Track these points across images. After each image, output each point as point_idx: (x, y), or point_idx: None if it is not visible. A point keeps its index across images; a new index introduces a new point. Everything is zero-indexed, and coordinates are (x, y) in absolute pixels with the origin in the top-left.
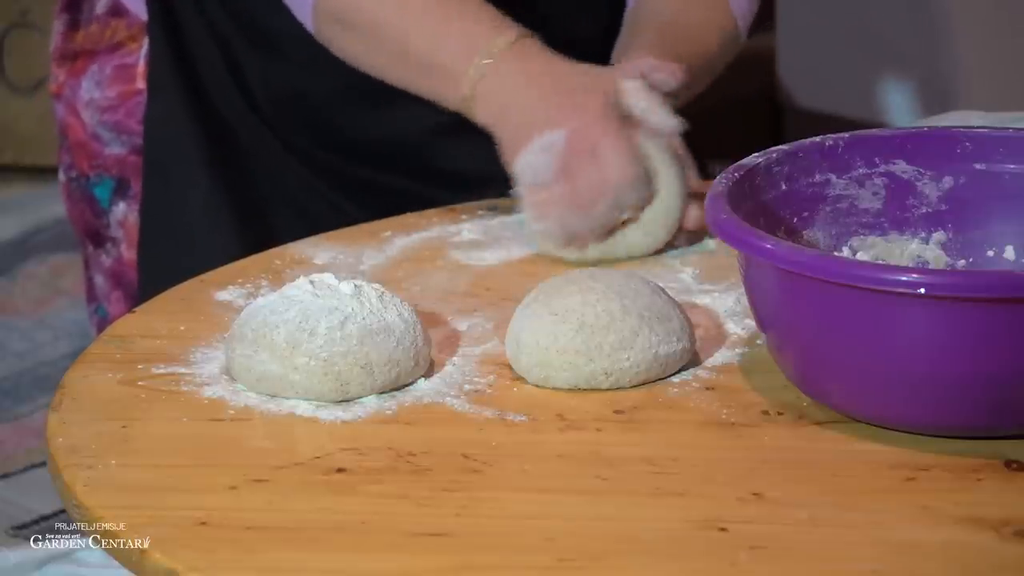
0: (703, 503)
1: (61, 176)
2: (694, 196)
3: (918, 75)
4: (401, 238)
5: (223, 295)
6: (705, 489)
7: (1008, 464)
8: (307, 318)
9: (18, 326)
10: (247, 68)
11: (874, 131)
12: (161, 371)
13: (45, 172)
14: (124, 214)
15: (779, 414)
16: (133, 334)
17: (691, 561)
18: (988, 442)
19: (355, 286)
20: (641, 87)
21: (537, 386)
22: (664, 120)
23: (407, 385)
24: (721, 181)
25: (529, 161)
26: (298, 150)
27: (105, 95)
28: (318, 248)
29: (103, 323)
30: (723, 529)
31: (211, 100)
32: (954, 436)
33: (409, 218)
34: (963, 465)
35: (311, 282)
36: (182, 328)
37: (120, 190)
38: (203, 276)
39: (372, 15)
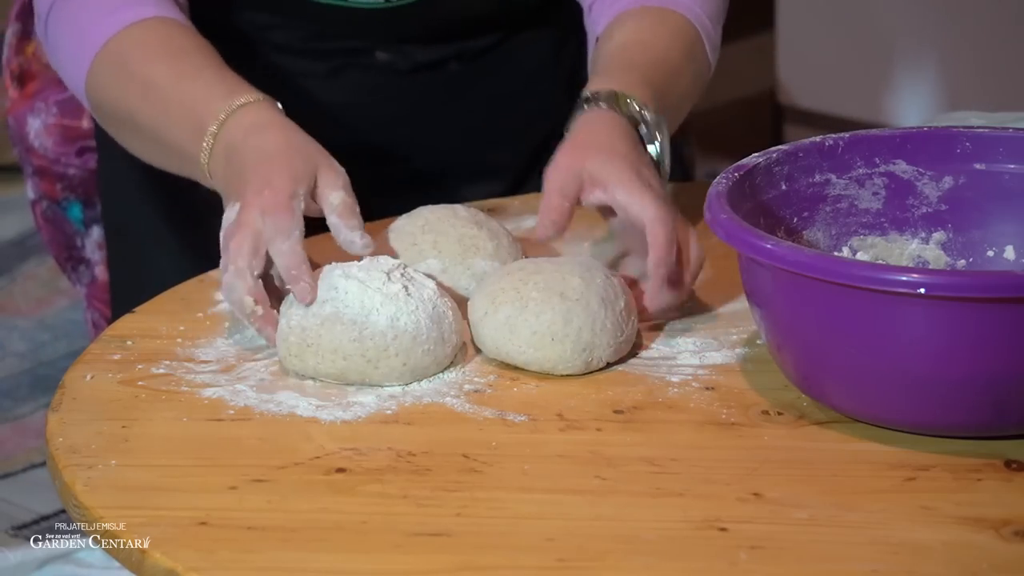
0: (703, 503)
1: (31, 195)
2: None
3: (918, 75)
4: None
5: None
6: (705, 489)
7: (1008, 464)
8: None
9: (18, 326)
10: None
11: (874, 131)
12: (161, 371)
13: None
14: (102, 236)
15: (779, 414)
16: (133, 334)
17: (691, 561)
18: (988, 442)
19: (401, 274)
20: (341, 202)
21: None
22: (348, 240)
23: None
24: (721, 181)
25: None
26: None
27: (50, 131)
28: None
29: (97, 321)
30: (723, 529)
31: None
32: (954, 436)
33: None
34: (963, 465)
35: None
36: (182, 328)
37: (88, 209)
38: (203, 276)
39: (126, 105)
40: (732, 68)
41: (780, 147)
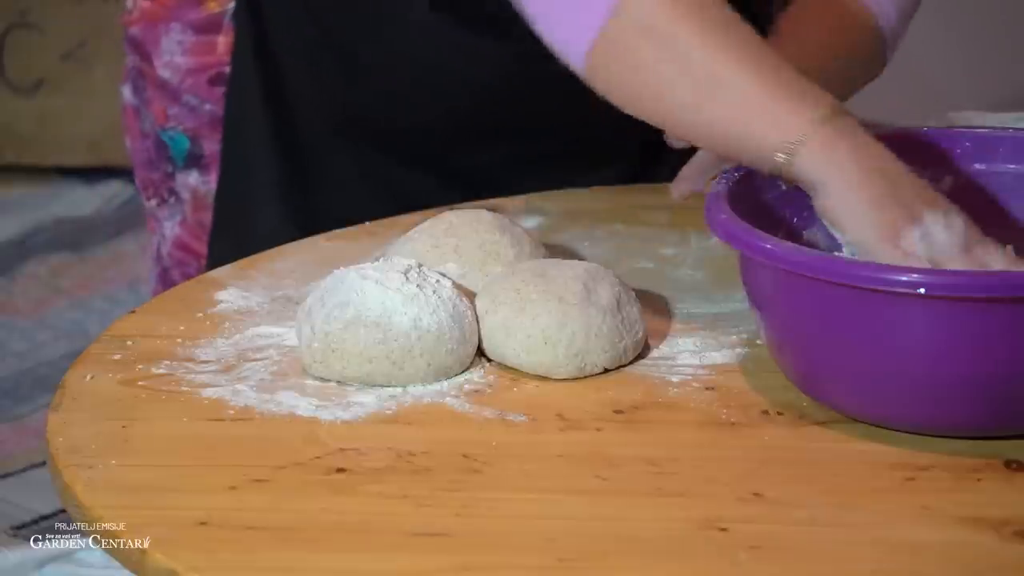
0: (703, 503)
1: (129, 98)
2: None
3: (918, 75)
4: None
5: (223, 295)
6: (705, 489)
7: (1008, 464)
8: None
9: (18, 326)
10: (331, 85)
11: (874, 131)
12: (161, 371)
13: (45, 172)
14: (197, 183)
15: (779, 414)
16: (133, 334)
17: (691, 561)
18: (988, 442)
19: (418, 272)
20: None
21: (536, 375)
22: None
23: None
24: (721, 181)
25: (928, 232)
26: (375, 172)
27: (186, 61)
28: (311, 250)
29: (166, 260)
30: (723, 529)
31: (290, 106)
32: (954, 436)
33: (413, 218)
34: (963, 465)
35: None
36: (182, 328)
37: (194, 148)
38: (203, 276)
39: (688, 38)
40: None
41: None
